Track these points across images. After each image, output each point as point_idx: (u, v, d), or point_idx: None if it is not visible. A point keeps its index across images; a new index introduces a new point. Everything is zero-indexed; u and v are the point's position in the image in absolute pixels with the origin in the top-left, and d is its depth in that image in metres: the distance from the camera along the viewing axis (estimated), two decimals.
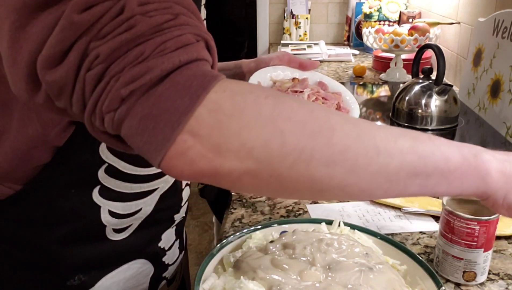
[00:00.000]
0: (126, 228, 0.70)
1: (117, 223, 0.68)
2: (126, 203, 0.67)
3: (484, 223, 0.67)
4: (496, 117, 1.36)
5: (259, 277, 0.58)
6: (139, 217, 0.70)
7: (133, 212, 0.68)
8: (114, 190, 0.65)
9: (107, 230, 0.67)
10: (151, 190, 0.69)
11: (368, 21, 2.41)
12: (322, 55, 2.25)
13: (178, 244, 0.83)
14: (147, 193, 0.69)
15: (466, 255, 0.69)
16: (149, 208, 0.70)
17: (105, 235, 0.68)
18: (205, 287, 0.60)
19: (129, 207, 0.68)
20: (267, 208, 0.93)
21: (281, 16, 2.79)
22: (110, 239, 0.69)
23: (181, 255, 0.85)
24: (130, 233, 0.70)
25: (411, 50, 1.83)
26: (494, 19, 1.43)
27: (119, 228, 0.69)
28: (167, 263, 0.80)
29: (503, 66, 1.36)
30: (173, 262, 0.82)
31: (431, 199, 0.95)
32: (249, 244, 0.70)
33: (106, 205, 0.65)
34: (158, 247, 0.77)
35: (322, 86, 0.91)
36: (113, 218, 0.67)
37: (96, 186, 0.63)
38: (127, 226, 0.69)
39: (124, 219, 0.68)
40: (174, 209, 0.76)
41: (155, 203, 0.71)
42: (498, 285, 0.71)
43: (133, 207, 0.68)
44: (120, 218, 0.67)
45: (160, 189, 0.71)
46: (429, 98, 1.36)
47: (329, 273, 0.59)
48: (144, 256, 0.75)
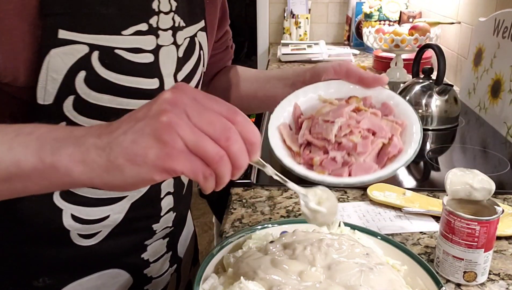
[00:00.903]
0: (95, 235, 0.68)
1: (81, 228, 0.66)
2: (91, 208, 0.66)
3: (484, 223, 0.67)
4: (497, 117, 1.36)
5: (259, 278, 0.58)
6: (107, 224, 0.68)
7: (99, 219, 0.67)
8: (76, 193, 0.64)
9: (72, 234, 0.66)
10: (119, 197, 0.68)
11: (368, 21, 2.41)
12: (322, 55, 2.25)
13: (169, 257, 0.80)
14: (115, 200, 0.68)
15: (467, 255, 0.69)
16: (118, 216, 0.69)
17: (71, 240, 0.67)
18: (205, 287, 0.60)
19: (94, 212, 0.66)
20: (267, 208, 0.93)
21: (281, 16, 2.79)
22: (77, 244, 0.67)
23: (172, 269, 0.82)
24: (100, 240, 0.69)
25: (412, 50, 1.82)
26: (495, 19, 1.43)
27: (85, 234, 0.67)
28: (150, 275, 0.77)
29: (504, 66, 1.36)
30: (160, 275, 0.79)
31: (431, 199, 0.95)
32: (249, 244, 0.70)
33: (68, 208, 0.64)
34: (139, 258, 0.75)
35: (385, 110, 0.69)
36: (76, 222, 0.65)
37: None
38: (95, 232, 0.68)
39: (89, 225, 0.67)
40: (152, 219, 0.74)
41: (125, 212, 0.69)
42: (498, 285, 0.71)
43: (99, 213, 0.67)
44: (84, 224, 0.66)
45: (130, 197, 0.69)
46: (430, 98, 1.36)
47: (330, 274, 0.59)
48: (121, 266, 0.73)
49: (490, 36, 1.45)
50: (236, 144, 0.45)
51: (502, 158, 1.16)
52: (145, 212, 0.72)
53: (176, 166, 0.43)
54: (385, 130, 0.66)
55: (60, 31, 0.56)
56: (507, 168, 1.10)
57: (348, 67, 0.70)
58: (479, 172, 0.72)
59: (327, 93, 0.71)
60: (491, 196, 0.70)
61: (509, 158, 1.15)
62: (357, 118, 0.66)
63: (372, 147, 0.64)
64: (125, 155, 0.44)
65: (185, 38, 0.69)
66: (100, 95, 0.60)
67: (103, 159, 0.44)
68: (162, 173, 0.44)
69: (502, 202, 0.95)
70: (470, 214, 0.68)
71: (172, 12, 0.66)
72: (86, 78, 0.59)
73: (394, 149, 0.64)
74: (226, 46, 0.93)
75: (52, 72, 0.57)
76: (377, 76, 0.69)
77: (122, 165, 0.44)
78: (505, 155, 1.17)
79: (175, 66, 0.68)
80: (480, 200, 0.70)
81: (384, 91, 0.71)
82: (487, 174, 0.71)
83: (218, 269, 0.66)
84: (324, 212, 0.59)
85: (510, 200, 0.96)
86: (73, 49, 0.57)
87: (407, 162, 0.63)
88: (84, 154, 0.45)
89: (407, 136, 0.66)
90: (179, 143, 0.43)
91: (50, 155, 0.45)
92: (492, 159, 1.19)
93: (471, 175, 0.71)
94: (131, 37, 0.61)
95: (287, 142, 0.67)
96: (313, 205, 0.59)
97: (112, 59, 0.60)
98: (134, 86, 0.63)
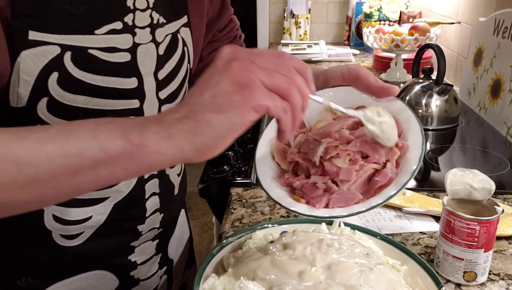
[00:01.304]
0: (77, 236, 0.67)
1: (63, 229, 0.66)
2: (73, 209, 0.65)
3: (484, 223, 0.67)
4: (497, 117, 1.36)
5: (259, 278, 0.58)
6: (90, 225, 0.67)
7: (81, 219, 0.66)
8: None
9: (54, 235, 0.66)
10: (101, 199, 0.67)
11: (368, 21, 2.41)
12: (322, 55, 2.25)
13: (158, 259, 0.79)
14: (97, 201, 0.67)
15: (467, 255, 0.69)
16: (101, 217, 0.68)
17: (53, 240, 0.66)
18: (205, 288, 0.60)
19: (76, 213, 0.66)
20: (267, 208, 0.93)
21: (281, 16, 2.79)
22: (60, 244, 0.67)
23: (162, 271, 0.81)
24: (83, 241, 0.68)
25: (412, 50, 1.82)
26: (495, 19, 1.43)
27: (67, 235, 0.67)
28: (137, 277, 0.76)
29: (504, 66, 1.36)
30: (148, 277, 0.78)
31: (431, 199, 0.95)
32: (249, 244, 0.70)
33: (50, 209, 0.64)
34: (126, 260, 0.74)
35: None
36: (58, 223, 0.65)
37: None
38: (77, 233, 0.67)
39: (71, 225, 0.66)
40: (137, 220, 0.73)
41: (108, 213, 0.68)
42: (498, 285, 0.71)
43: (81, 214, 0.66)
44: (66, 224, 0.66)
45: (113, 198, 0.68)
46: (430, 98, 1.36)
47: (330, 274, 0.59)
48: (106, 267, 0.72)
49: (490, 36, 1.45)
50: (297, 76, 0.48)
51: (502, 158, 1.16)
52: (129, 213, 0.71)
53: (262, 101, 0.45)
54: (379, 153, 0.59)
55: (30, 32, 0.55)
56: (507, 168, 1.10)
57: (358, 73, 0.64)
58: (479, 172, 0.72)
59: (334, 100, 0.62)
60: (491, 196, 0.70)
61: (509, 158, 1.15)
62: (348, 137, 0.60)
63: (359, 174, 0.58)
64: (210, 109, 0.45)
65: (166, 35, 0.68)
66: (75, 96, 0.59)
67: (189, 124, 0.45)
68: (251, 112, 0.45)
69: (502, 202, 0.95)
70: (470, 214, 0.68)
71: (150, 9, 0.64)
72: (59, 79, 0.58)
73: (383, 179, 0.57)
74: (234, 36, 0.90)
75: (23, 74, 0.56)
76: (385, 86, 0.63)
77: (210, 119, 0.44)
78: (505, 155, 1.17)
79: (155, 64, 0.66)
80: (480, 200, 0.70)
81: (395, 103, 0.63)
82: (487, 174, 0.71)
83: (218, 269, 0.66)
84: (389, 121, 0.57)
85: (510, 200, 0.96)
86: (44, 50, 0.56)
87: (390, 197, 0.56)
88: (169, 128, 0.45)
89: (406, 163, 0.59)
90: (257, 81, 0.45)
91: (137, 135, 0.45)
92: (492, 159, 1.19)
93: (471, 175, 0.71)
94: (105, 36, 0.60)
95: (276, 158, 0.64)
96: (377, 118, 0.57)
97: (86, 59, 0.59)
98: (111, 86, 0.62)
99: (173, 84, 0.70)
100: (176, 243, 0.85)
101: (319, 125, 0.64)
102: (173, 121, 0.45)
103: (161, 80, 0.68)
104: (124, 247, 0.73)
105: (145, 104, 0.66)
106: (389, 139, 0.57)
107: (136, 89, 0.64)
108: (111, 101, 0.62)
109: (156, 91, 0.67)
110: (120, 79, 0.62)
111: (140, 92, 0.65)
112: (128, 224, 0.72)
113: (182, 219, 0.87)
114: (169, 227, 0.81)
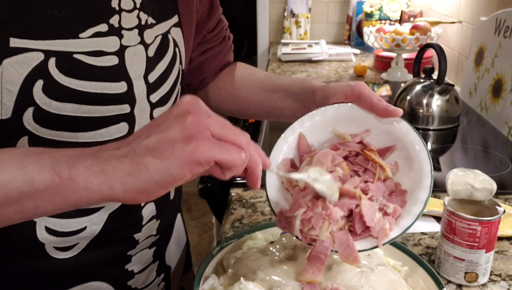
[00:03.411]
0: (72, 247, 0.65)
1: (57, 241, 0.63)
2: (66, 219, 0.63)
3: (485, 224, 0.67)
4: (498, 117, 1.36)
5: (259, 278, 0.58)
6: (85, 236, 0.65)
7: (75, 231, 0.64)
8: None
9: (47, 247, 0.63)
10: (96, 208, 0.65)
11: (369, 20, 2.40)
12: (323, 55, 2.25)
13: (156, 267, 0.77)
14: (91, 211, 0.65)
15: (468, 256, 0.69)
16: (96, 227, 0.66)
17: (46, 253, 0.64)
18: (205, 288, 0.60)
19: (70, 224, 0.63)
20: (267, 208, 0.93)
21: (281, 15, 2.79)
22: (54, 257, 0.64)
23: (160, 278, 0.80)
24: (78, 252, 0.66)
25: (412, 49, 1.82)
26: (496, 18, 1.43)
27: (61, 247, 0.64)
28: (134, 287, 0.74)
29: (505, 66, 1.35)
30: (146, 286, 0.76)
31: (432, 200, 0.94)
32: (249, 245, 0.70)
33: (43, 220, 0.62)
34: (123, 270, 0.72)
35: (387, 151, 0.62)
36: (51, 235, 0.63)
37: None
38: (72, 244, 0.65)
39: (65, 237, 0.64)
40: (133, 229, 0.70)
41: (103, 222, 0.66)
42: (499, 286, 0.71)
43: (75, 224, 0.64)
44: (59, 236, 0.63)
45: (108, 207, 0.66)
46: (431, 97, 1.36)
47: (330, 274, 0.59)
48: (102, 278, 0.70)
49: (492, 35, 1.45)
50: (252, 144, 0.48)
51: (503, 158, 1.15)
52: (125, 222, 0.69)
53: (208, 153, 0.43)
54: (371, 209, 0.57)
55: (12, 39, 0.52)
56: (508, 168, 1.09)
57: (361, 92, 0.62)
58: (480, 172, 0.71)
59: (336, 118, 0.63)
60: (493, 196, 0.70)
61: (511, 158, 1.15)
62: (329, 208, 0.55)
63: (339, 239, 0.57)
64: (151, 153, 0.42)
65: (156, 36, 0.65)
66: (63, 104, 0.57)
67: (126, 163, 0.43)
68: (193, 165, 0.43)
69: (503, 202, 0.94)
70: (471, 214, 0.68)
71: (137, 9, 0.62)
72: (44, 87, 0.55)
73: (358, 228, 0.57)
74: (223, 37, 0.88)
75: (6, 84, 0.53)
76: (390, 108, 0.61)
77: (148, 162, 0.42)
78: (507, 155, 1.17)
79: (145, 66, 0.64)
80: (482, 201, 0.70)
81: (399, 125, 0.61)
82: (488, 174, 0.71)
83: (218, 269, 0.66)
84: (330, 178, 0.57)
85: (511, 200, 0.95)
86: (27, 58, 0.53)
87: (407, 228, 0.57)
88: (103, 164, 0.43)
89: (415, 192, 0.59)
90: (207, 132, 0.43)
91: (67, 169, 0.43)
92: (493, 159, 1.18)
93: (472, 175, 0.71)
94: (90, 40, 0.57)
95: (285, 184, 0.62)
96: (321, 177, 0.57)
97: (71, 64, 0.56)
98: (99, 92, 0.59)
99: (164, 87, 0.68)
100: (174, 249, 0.83)
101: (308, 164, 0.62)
102: (110, 158, 0.43)
103: (152, 83, 0.65)
104: (121, 257, 0.71)
105: (136, 108, 0.64)
106: (334, 195, 0.57)
107: (125, 94, 0.62)
108: (101, 108, 0.60)
109: (147, 94, 0.65)
110: (108, 83, 0.60)
111: (130, 96, 0.62)
112: (124, 233, 0.70)
113: (178, 224, 0.86)
114: (166, 233, 0.79)
